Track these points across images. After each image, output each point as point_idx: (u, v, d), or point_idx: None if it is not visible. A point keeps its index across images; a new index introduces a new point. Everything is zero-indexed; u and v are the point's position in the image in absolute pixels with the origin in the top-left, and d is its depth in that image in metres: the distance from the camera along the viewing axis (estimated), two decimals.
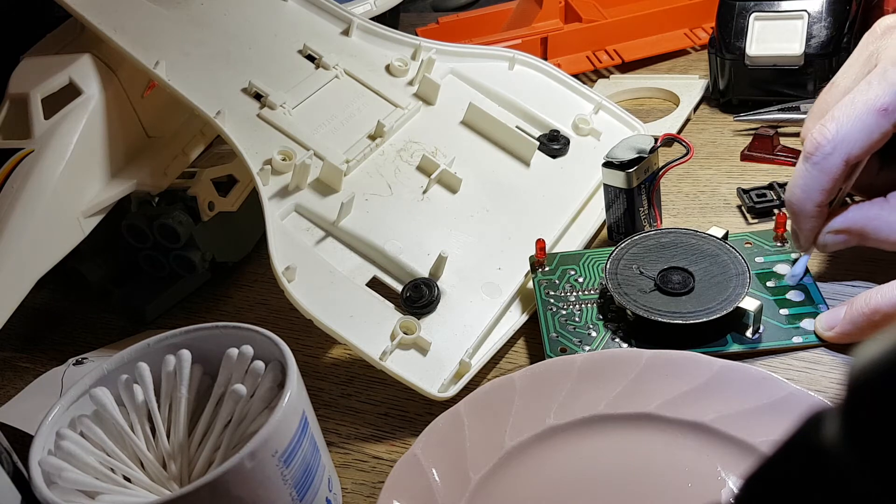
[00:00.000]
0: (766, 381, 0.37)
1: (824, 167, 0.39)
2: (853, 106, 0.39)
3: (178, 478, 0.36)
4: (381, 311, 0.43)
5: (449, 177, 0.49)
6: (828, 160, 0.39)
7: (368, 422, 0.43)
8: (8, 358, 0.53)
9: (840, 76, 0.42)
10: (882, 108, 0.38)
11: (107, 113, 0.50)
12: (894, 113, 0.38)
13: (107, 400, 0.35)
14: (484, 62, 0.57)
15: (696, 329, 0.40)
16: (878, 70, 0.39)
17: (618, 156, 0.46)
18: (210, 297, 0.55)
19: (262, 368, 0.36)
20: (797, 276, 0.43)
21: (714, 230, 0.45)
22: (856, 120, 0.38)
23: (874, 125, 0.38)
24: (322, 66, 0.53)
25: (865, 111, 0.38)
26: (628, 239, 0.45)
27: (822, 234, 0.42)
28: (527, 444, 0.37)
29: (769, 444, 0.35)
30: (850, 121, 0.38)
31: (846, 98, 0.39)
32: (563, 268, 0.46)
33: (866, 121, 0.38)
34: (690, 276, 0.42)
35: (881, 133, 0.38)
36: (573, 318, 0.43)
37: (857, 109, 0.38)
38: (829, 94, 0.42)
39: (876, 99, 0.38)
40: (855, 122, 0.38)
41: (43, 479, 0.32)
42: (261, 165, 0.46)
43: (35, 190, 0.46)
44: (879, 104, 0.38)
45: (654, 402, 0.37)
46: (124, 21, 0.51)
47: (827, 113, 0.40)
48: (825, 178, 0.39)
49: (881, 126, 0.38)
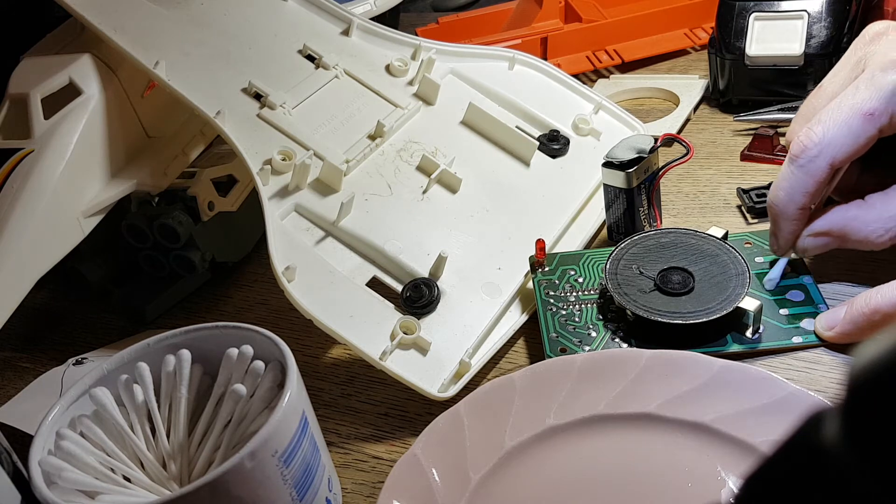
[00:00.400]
0: (765, 381, 0.37)
1: (809, 170, 0.39)
2: (840, 110, 0.39)
3: (178, 478, 0.36)
4: (381, 311, 0.43)
5: (449, 177, 0.49)
6: (813, 163, 0.39)
7: (368, 422, 0.43)
8: (8, 358, 0.53)
9: (828, 81, 0.42)
10: (868, 112, 0.38)
11: (107, 113, 0.50)
12: (880, 118, 0.38)
13: (107, 400, 0.35)
14: (484, 62, 0.57)
15: (696, 329, 0.40)
16: (865, 75, 0.39)
17: (617, 156, 0.46)
18: (210, 297, 0.55)
19: (262, 368, 0.36)
20: (774, 280, 0.43)
21: (714, 230, 0.45)
22: (842, 124, 0.38)
23: (860, 129, 0.38)
24: (322, 66, 0.53)
25: (852, 115, 0.38)
26: (628, 239, 0.45)
27: (802, 238, 0.42)
28: (527, 444, 0.37)
29: (769, 444, 0.35)
30: (837, 125, 0.39)
31: (833, 102, 0.39)
32: (562, 268, 0.46)
33: (852, 125, 0.38)
34: (690, 276, 0.42)
35: (867, 137, 0.38)
36: (573, 319, 0.43)
37: (843, 113, 0.39)
38: (817, 97, 0.42)
39: (862, 103, 0.38)
40: (841, 125, 0.38)
41: (43, 479, 0.32)
42: (261, 165, 0.46)
43: (35, 190, 0.46)
44: (866, 108, 0.38)
45: (654, 403, 0.37)
46: (124, 21, 0.51)
47: (813, 116, 0.40)
48: (810, 180, 0.40)
49: (866, 130, 0.38)
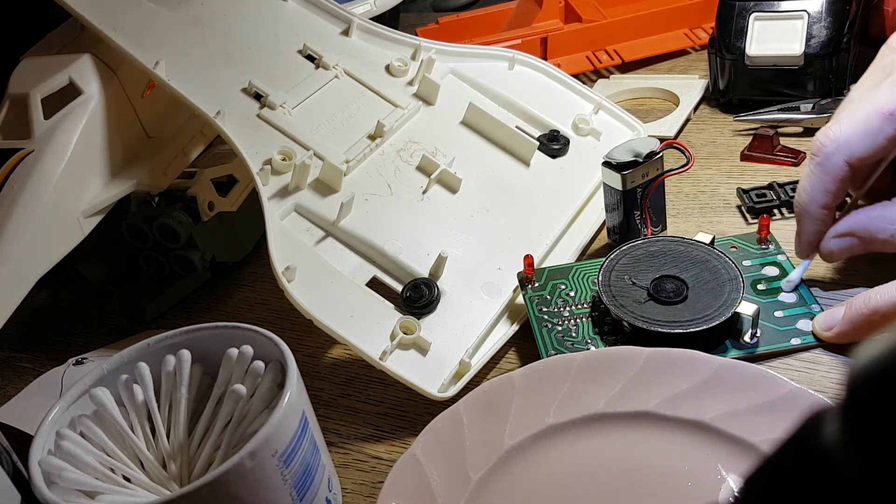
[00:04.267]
0: (765, 379, 0.37)
1: (826, 167, 0.40)
2: (859, 109, 0.39)
3: (178, 478, 0.36)
4: (381, 311, 0.43)
5: (449, 177, 0.49)
6: (829, 160, 0.39)
7: (368, 422, 0.43)
8: (8, 358, 0.53)
9: (855, 89, 0.42)
10: (888, 112, 0.38)
11: (107, 113, 0.50)
12: None
13: (107, 400, 0.35)
14: (484, 62, 0.57)
15: (695, 337, 0.40)
16: (891, 78, 0.39)
17: (617, 157, 0.46)
18: (210, 297, 0.55)
19: (262, 368, 0.36)
20: (793, 282, 0.43)
21: (701, 236, 0.45)
22: (860, 122, 0.39)
23: (877, 128, 0.38)
24: (322, 66, 0.53)
25: (870, 114, 0.39)
26: (617, 250, 0.45)
27: (826, 240, 0.41)
28: (526, 443, 0.37)
29: (769, 442, 0.35)
30: (854, 122, 0.39)
31: (855, 103, 0.40)
32: (552, 282, 0.45)
33: (870, 123, 0.38)
34: (683, 283, 0.42)
35: (885, 137, 0.38)
36: (570, 334, 0.43)
37: (862, 112, 0.39)
38: (844, 102, 0.42)
39: (883, 103, 0.38)
40: (859, 123, 0.39)
41: (43, 479, 0.32)
42: (261, 165, 0.46)
43: (35, 190, 0.46)
44: (886, 108, 0.38)
45: (654, 401, 0.37)
46: (124, 21, 0.51)
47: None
48: (828, 178, 0.40)
49: (885, 130, 0.38)
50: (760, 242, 0.46)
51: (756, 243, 0.46)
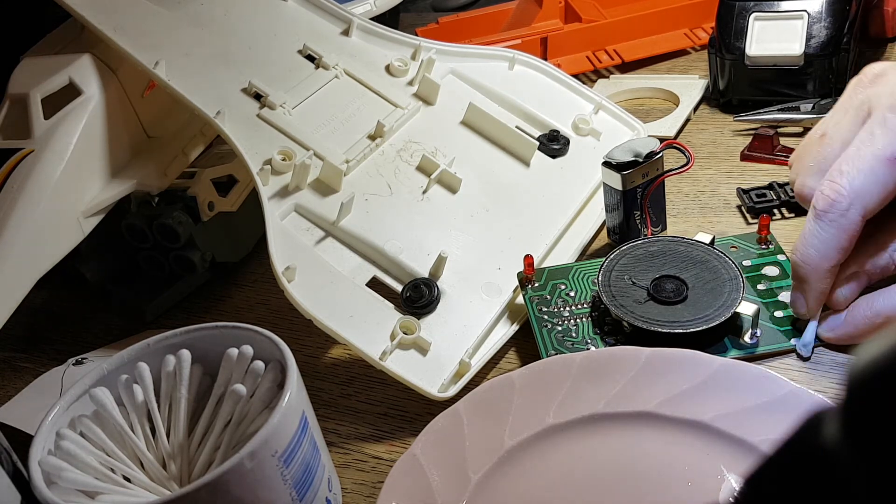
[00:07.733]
0: (765, 379, 0.37)
1: (842, 224, 0.37)
2: (861, 158, 0.37)
3: (177, 478, 0.36)
4: (381, 311, 0.43)
5: (449, 177, 0.49)
6: (845, 217, 0.37)
7: (368, 422, 0.43)
8: (8, 358, 0.53)
9: (831, 127, 0.40)
10: (891, 157, 0.36)
11: (107, 113, 0.50)
12: None
13: (107, 400, 0.35)
14: (484, 62, 0.57)
15: (696, 337, 0.40)
16: (876, 118, 0.38)
17: (617, 156, 0.46)
18: (210, 297, 0.55)
19: (262, 368, 0.36)
20: (809, 345, 0.40)
21: (701, 236, 0.44)
22: (868, 172, 0.37)
23: (887, 175, 0.37)
24: (322, 66, 0.53)
25: (876, 162, 0.37)
26: (617, 250, 0.45)
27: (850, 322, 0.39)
28: (526, 444, 0.37)
29: (769, 442, 0.35)
30: (862, 173, 0.37)
31: (850, 150, 0.38)
32: (552, 282, 0.45)
33: (878, 172, 0.37)
34: (683, 283, 0.42)
35: (894, 183, 0.37)
36: (570, 334, 0.43)
37: (866, 161, 0.37)
38: (823, 146, 0.40)
39: (884, 148, 0.37)
40: (868, 174, 0.37)
41: (43, 479, 0.32)
42: (261, 165, 0.46)
43: (35, 190, 0.46)
44: (888, 153, 0.36)
45: (654, 401, 0.37)
46: (124, 21, 0.51)
47: (826, 167, 0.38)
48: (843, 235, 0.37)
49: (892, 176, 0.37)
50: (760, 242, 0.46)
51: (756, 243, 0.46)
